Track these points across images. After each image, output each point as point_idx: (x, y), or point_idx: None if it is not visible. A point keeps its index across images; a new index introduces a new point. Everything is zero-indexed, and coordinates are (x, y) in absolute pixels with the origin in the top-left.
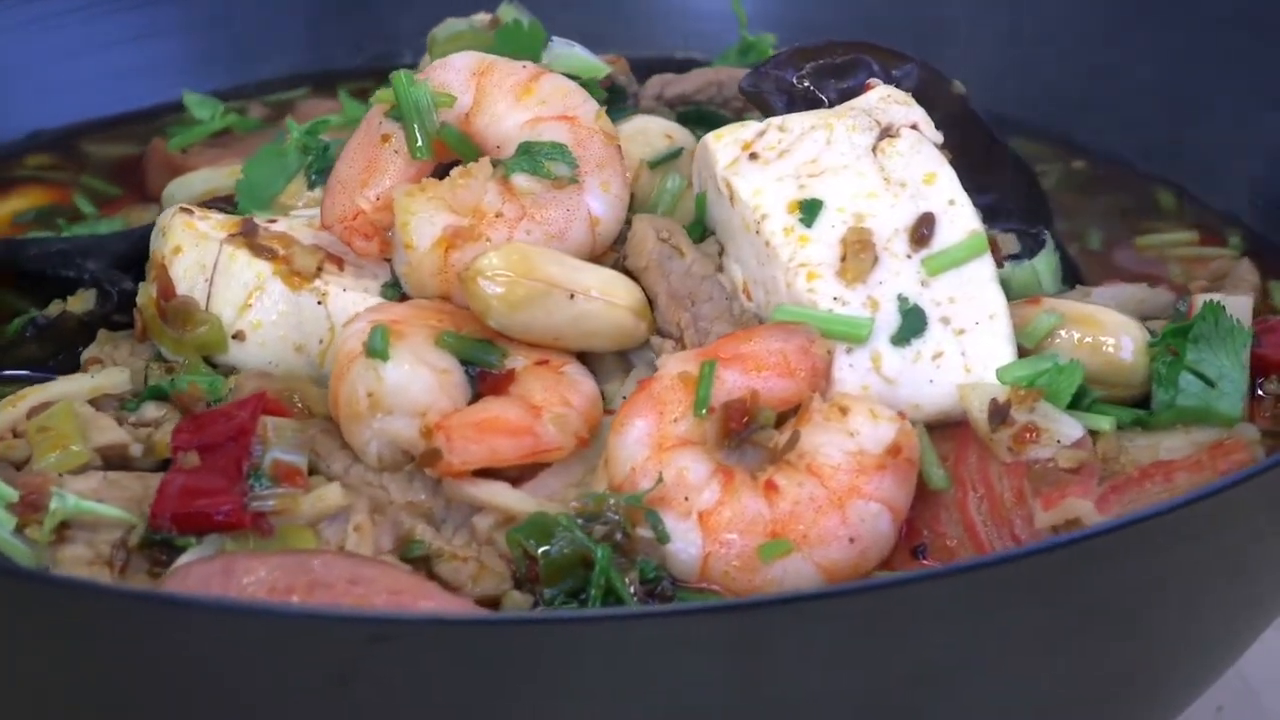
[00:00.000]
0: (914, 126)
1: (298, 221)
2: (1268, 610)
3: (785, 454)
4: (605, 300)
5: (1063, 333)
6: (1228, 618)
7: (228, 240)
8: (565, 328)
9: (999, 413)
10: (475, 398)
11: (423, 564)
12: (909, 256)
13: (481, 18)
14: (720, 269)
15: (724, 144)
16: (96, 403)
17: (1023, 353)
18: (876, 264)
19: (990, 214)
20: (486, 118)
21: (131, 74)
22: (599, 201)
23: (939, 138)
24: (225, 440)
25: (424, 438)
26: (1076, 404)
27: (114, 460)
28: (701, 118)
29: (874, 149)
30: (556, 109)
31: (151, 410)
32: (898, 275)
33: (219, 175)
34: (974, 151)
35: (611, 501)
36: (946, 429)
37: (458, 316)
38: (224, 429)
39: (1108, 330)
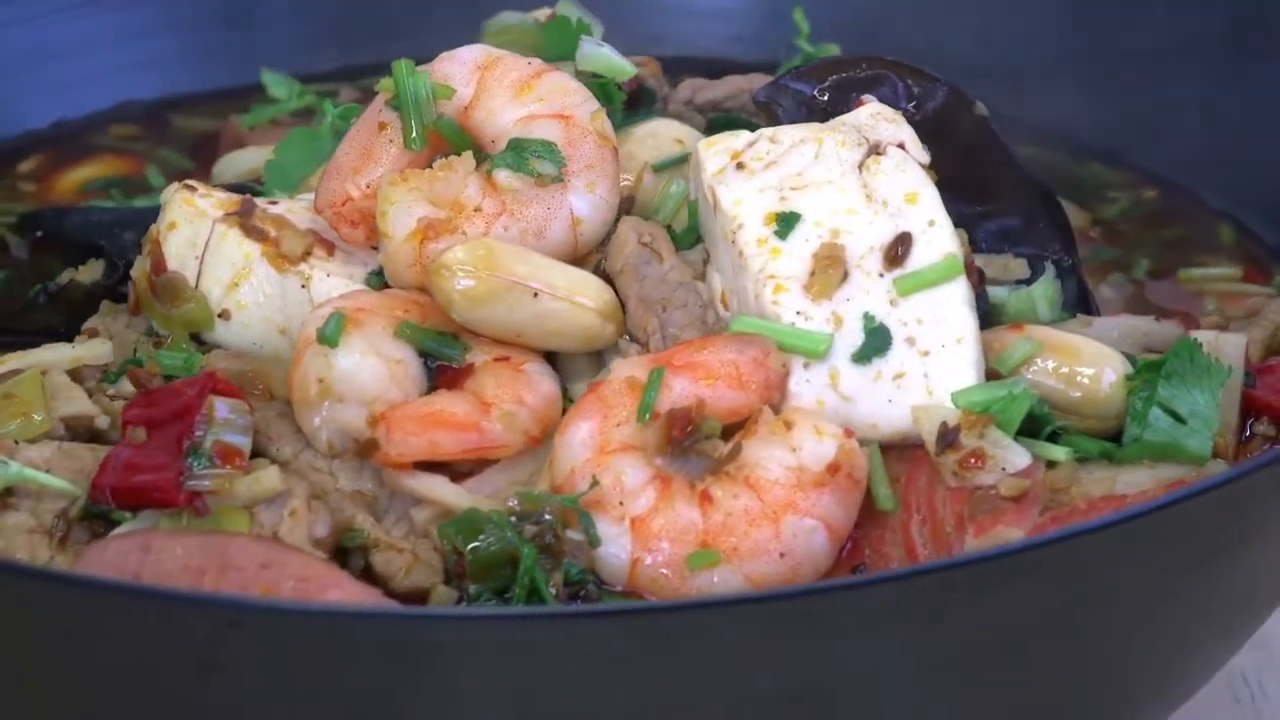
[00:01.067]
0: (901, 145)
1: (300, 205)
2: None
3: (725, 465)
4: (570, 300)
5: (1039, 361)
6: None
7: (222, 219)
8: (528, 325)
9: (946, 436)
10: (433, 390)
11: (360, 553)
12: (881, 275)
13: (542, 13)
14: (703, 276)
15: (713, 152)
16: (78, 373)
17: (997, 378)
18: (846, 280)
19: (1004, 238)
20: (484, 112)
21: (226, 51)
22: (583, 202)
23: (925, 158)
24: (171, 418)
25: (370, 427)
26: (1037, 433)
27: (80, 431)
28: (731, 124)
29: (861, 166)
30: (553, 107)
31: (129, 384)
32: (867, 293)
33: (265, 154)
34: (993, 175)
35: (547, 501)
36: (906, 450)
37: (428, 308)
38: (171, 406)
39: (1085, 361)
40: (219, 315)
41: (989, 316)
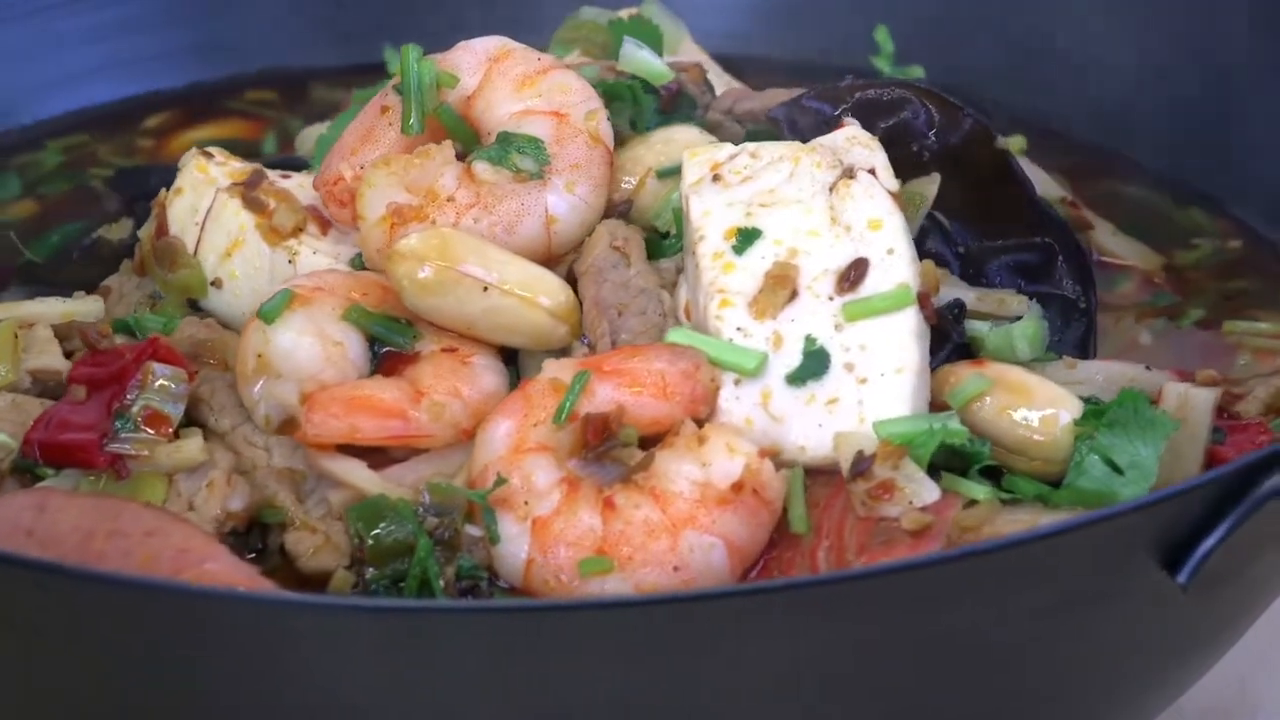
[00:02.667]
0: (872, 171)
1: (310, 180)
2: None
3: (635, 474)
4: (521, 297)
5: (990, 398)
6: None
7: (226, 189)
8: (478, 319)
9: (859, 464)
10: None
11: (278, 531)
12: (831, 299)
13: (627, 12)
14: (675, 285)
15: (696, 162)
16: (68, 329)
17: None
18: (795, 301)
19: (1020, 273)
20: (484, 103)
21: (383, 28)
22: (561, 201)
23: (894, 185)
24: (110, 379)
25: (302, 405)
26: (966, 469)
27: (50, 386)
28: (772, 137)
29: (832, 188)
30: (550, 104)
31: (118, 343)
32: (813, 315)
33: None
34: (1011, 210)
35: (456, 495)
36: (835, 475)
37: (390, 293)
38: (112, 368)
39: (1036, 403)
40: (212, 283)
41: (967, 349)
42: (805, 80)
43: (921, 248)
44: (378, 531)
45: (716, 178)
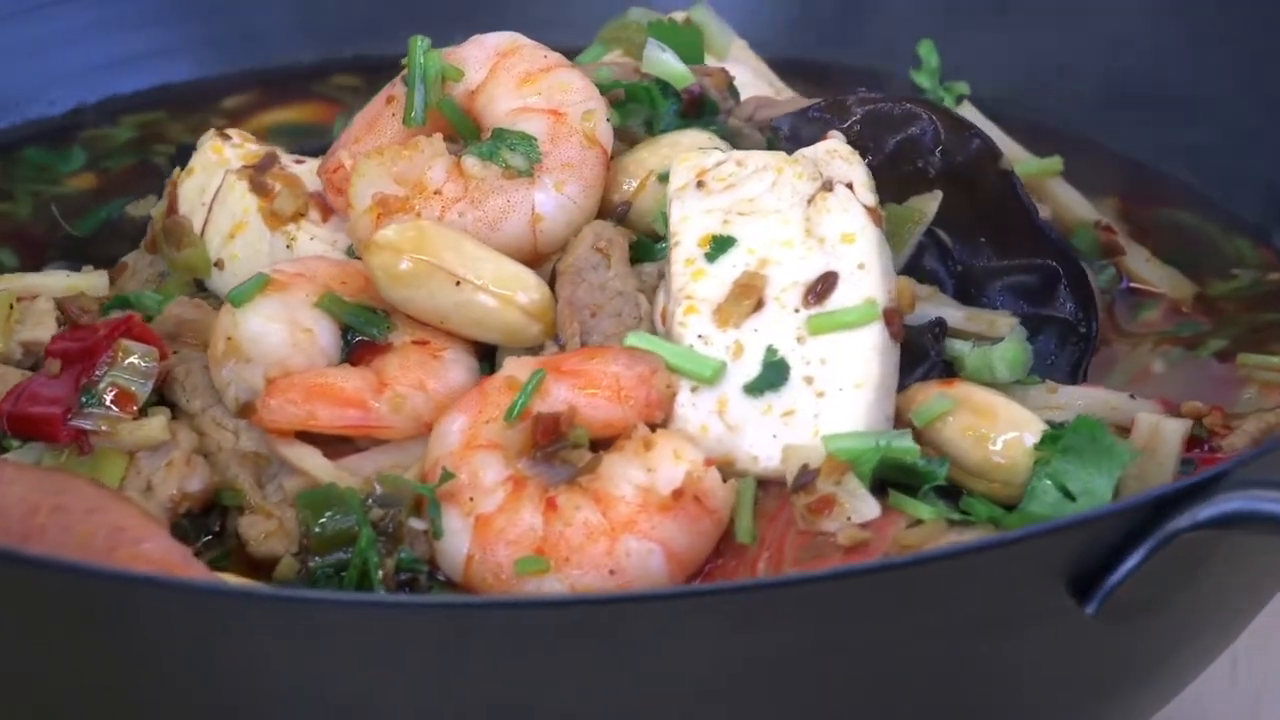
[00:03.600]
0: (850, 185)
1: None
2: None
3: (579, 476)
4: (493, 294)
5: (952, 418)
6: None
7: (236, 171)
8: (450, 313)
9: (801, 478)
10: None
11: (237, 514)
12: (797, 310)
13: (679, 15)
14: (656, 289)
15: (683, 168)
16: (72, 302)
17: (915, 433)
18: (760, 311)
19: (1020, 295)
20: (486, 98)
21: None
22: (548, 200)
23: (870, 200)
24: (83, 354)
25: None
26: (913, 489)
27: (41, 359)
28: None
29: (811, 200)
30: (549, 102)
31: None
32: (777, 326)
33: None
34: (1014, 232)
35: (405, 487)
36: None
37: (370, 283)
38: (86, 343)
39: (998, 425)
40: (215, 264)
41: (947, 368)
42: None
43: (917, 264)
44: (323, 520)
45: (700, 184)
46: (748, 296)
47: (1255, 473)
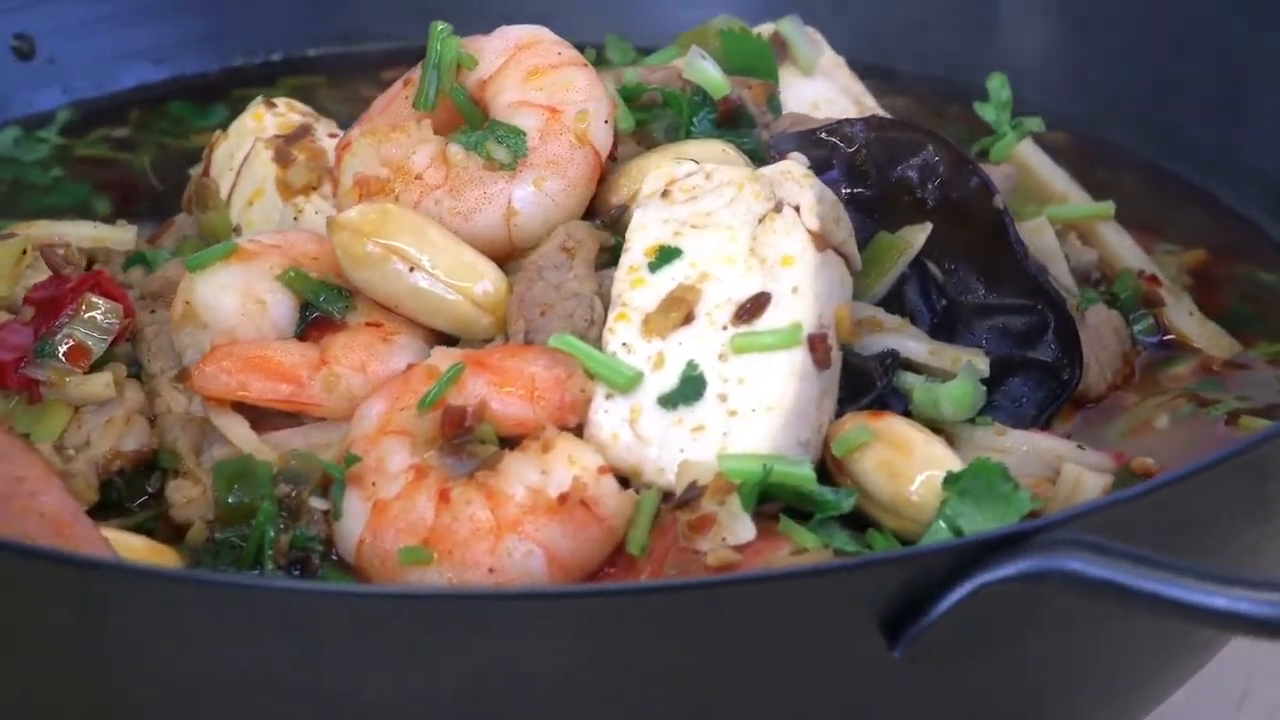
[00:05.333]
0: (797, 208)
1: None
2: None
3: (478, 471)
4: (444, 282)
5: (870, 451)
6: None
7: (266, 139)
8: (404, 298)
9: (686, 494)
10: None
11: (173, 475)
12: (725, 328)
13: (767, 28)
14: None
15: (655, 175)
16: (54, 251)
17: (835, 462)
18: (688, 325)
19: (1005, 336)
20: (494, 89)
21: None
22: (525, 196)
23: (815, 225)
24: (53, 305)
25: None
26: (809, 516)
27: None
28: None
29: (762, 219)
30: (549, 99)
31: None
32: (703, 342)
33: None
34: (1004, 271)
35: (316, 465)
36: None
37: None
38: (57, 294)
39: (911, 461)
40: (235, 229)
41: (889, 400)
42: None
43: (898, 296)
44: (233, 491)
45: (666, 194)
46: (677, 309)
47: (1081, 530)
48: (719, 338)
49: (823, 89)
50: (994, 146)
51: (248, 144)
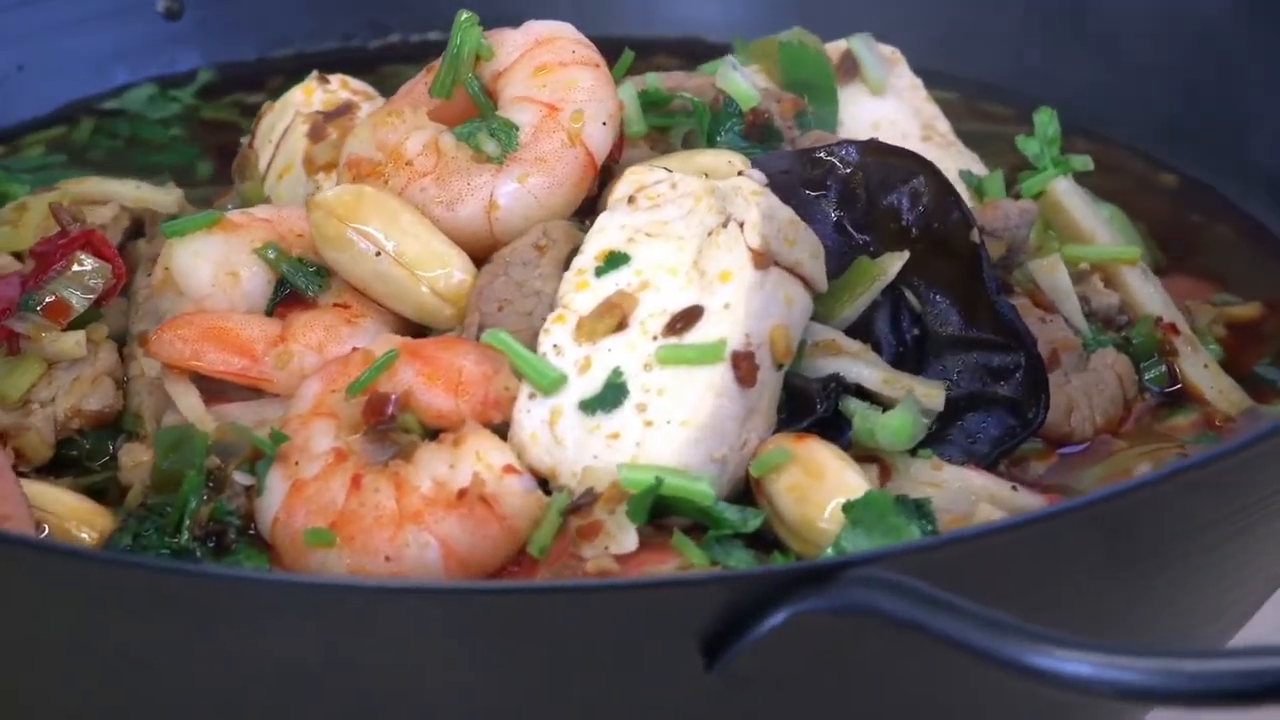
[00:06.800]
0: (742, 225)
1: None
2: None
3: (393, 459)
4: (409, 271)
5: (785, 473)
6: None
7: (306, 114)
8: (370, 282)
9: (579, 500)
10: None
11: (133, 439)
12: (655, 338)
13: (838, 45)
14: None
15: (627, 180)
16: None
17: (755, 483)
18: (621, 332)
19: (976, 369)
20: (504, 82)
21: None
22: (508, 190)
23: (756, 242)
24: (48, 259)
25: None
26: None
27: None
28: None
29: (711, 232)
30: (551, 96)
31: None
32: (631, 350)
33: None
34: (978, 306)
35: (248, 439)
36: None
37: None
38: (49, 250)
39: (822, 489)
40: (266, 200)
41: (843, 425)
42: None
43: (867, 323)
44: (168, 458)
45: (632, 199)
46: (611, 315)
47: (900, 570)
48: (648, 348)
49: (889, 110)
50: (1025, 182)
51: (289, 117)
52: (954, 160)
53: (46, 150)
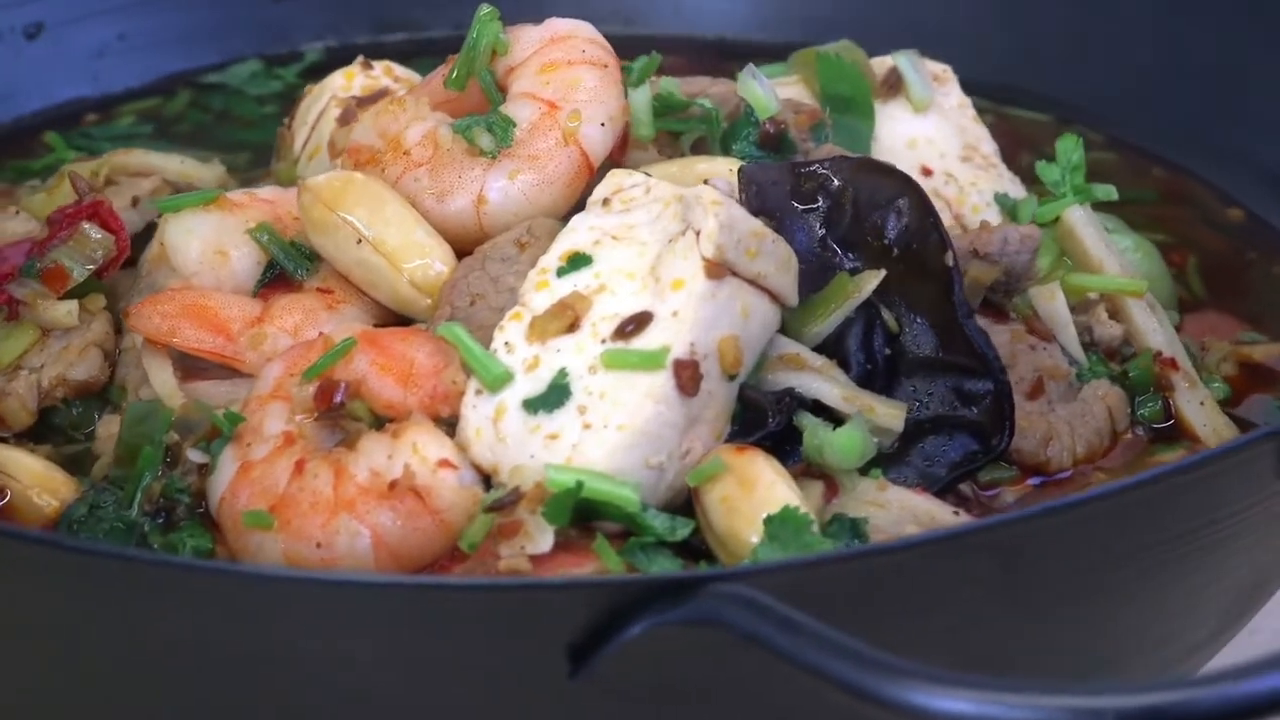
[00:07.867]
0: (698, 233)
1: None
2: None
3: (337, 446)
4: (387, 259)
5: (719, 484)
6: None
7: (341, 99)
8: (352, 268)
9: (503, 499)
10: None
11: (117, 411)
12: (604, 342)
13: (883, 61)
14: None
15: (606, 183)
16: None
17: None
18: (573, 333)
19: (949, 393)
20: (514, 77)
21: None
22: (497, 185)
23: (710, 252)
24: (56, 226)
25: None
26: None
27: None
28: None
29: (672, 240)
30: (552, 94)
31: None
32: (579, 352)
33: None
34: (950, 329)
35: (207, 417)
36: None
37: None
38: (62, 218)
39: (751, 502)
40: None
41: (787, 438)
42: None
43: (839, 341)
44: (130, 432)
45: (607, 202)
46: (563, 316)
47: (760, 589)
48: (596, 350)
49: (929, 128)
50: (1040, 208)
51: (324, 100)
52: (991, 183)
53: (137, 120)
